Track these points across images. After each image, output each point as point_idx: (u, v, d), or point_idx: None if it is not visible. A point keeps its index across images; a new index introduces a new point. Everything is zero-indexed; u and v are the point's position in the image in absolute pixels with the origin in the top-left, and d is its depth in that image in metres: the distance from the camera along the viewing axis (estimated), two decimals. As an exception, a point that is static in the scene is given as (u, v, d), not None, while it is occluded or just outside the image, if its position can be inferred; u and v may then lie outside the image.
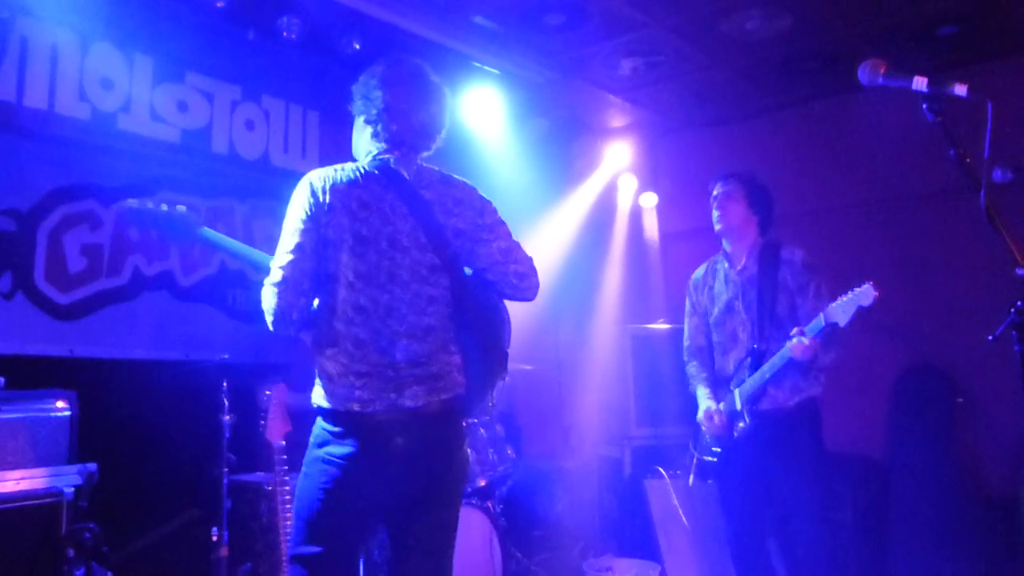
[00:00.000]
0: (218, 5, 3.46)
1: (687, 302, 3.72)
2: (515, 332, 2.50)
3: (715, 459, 3.50)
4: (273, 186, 4.61)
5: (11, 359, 3.45)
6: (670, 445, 4.78)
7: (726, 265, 3.55)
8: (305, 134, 4.71)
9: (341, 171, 2.25)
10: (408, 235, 2.25)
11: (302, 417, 3.64)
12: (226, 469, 3.46)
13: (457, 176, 2.41)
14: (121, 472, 3.33)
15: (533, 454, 5.17)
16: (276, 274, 2.15)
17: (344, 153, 2.45)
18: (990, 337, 1.73)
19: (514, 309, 2.50)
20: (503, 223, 2.42)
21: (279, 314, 2.13)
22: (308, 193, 2.19)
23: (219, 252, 2.82)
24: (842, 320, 3.01)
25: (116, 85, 3.91)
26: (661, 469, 4.60)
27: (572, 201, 5.84)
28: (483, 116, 4.84)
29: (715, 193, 3.51)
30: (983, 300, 2.99)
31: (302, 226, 2.17)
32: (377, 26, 4.01)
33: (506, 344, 2.44)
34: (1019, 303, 1.72)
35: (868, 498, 4.49)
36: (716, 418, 3.42)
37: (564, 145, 5.85)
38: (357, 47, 4.11)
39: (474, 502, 3.87)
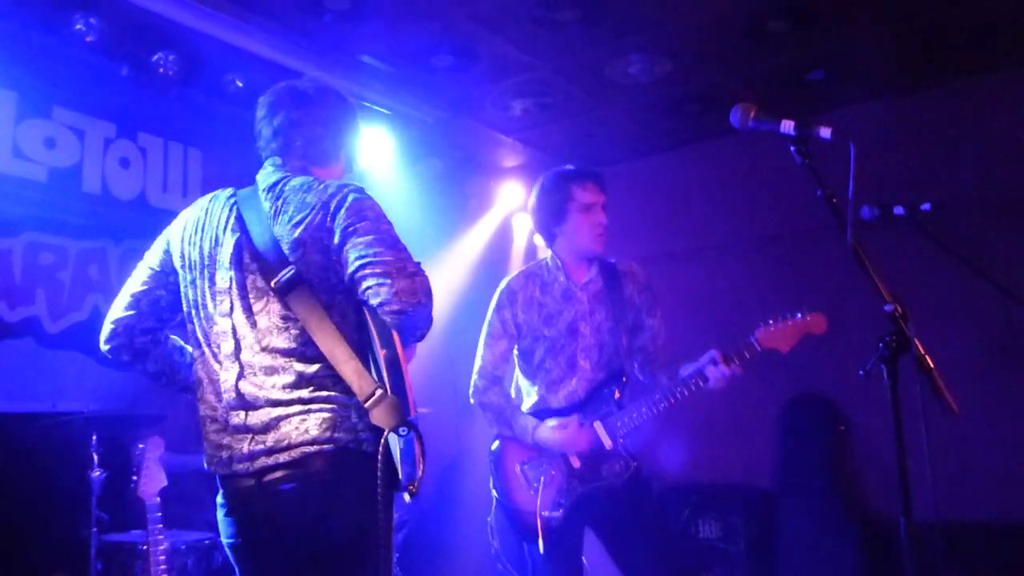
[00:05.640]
0: (87, 40, 3.28)
1: (493, 319, 3.03)
2: (412, 374, 1.93)
3: (560, 513, 2.85)
4: (151, 227, 4.27)
5: None
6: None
7: (561, 278, 3.01)
8: (187, 172, 4.51)
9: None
10: (233, 254, 1.94)
11: (180, 473, 3.48)
12: (95, 529, 3.23)
13: (346, 184, 1.96)
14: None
15: (429, 497, 5.05)
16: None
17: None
18: (861, 372, 1.77)
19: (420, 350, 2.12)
20: (369, 220, 1.84)
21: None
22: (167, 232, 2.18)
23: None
24: (785, 347, 2.74)
25: (-26, 121, 3.66)
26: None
27: (467, 241, 5.82)
28: (374, 156, 4.78)
29: (597, 199, 2.96)
30: (859, 330, 3.11)
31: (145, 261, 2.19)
32: (260, 64, 3.90)
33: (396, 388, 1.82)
34: (887, 338, 1.76)
35: (759, 528, 4.59)
36: (582, 440, 2.82)
37: (458, 185, 5.84)
38: (240, 85, 3.99)
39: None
